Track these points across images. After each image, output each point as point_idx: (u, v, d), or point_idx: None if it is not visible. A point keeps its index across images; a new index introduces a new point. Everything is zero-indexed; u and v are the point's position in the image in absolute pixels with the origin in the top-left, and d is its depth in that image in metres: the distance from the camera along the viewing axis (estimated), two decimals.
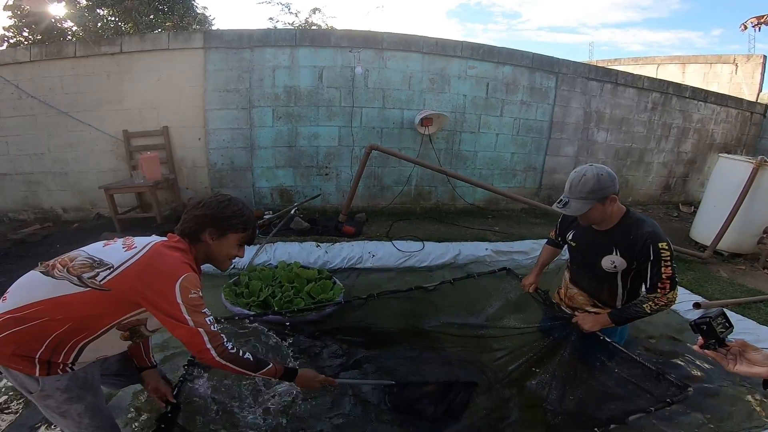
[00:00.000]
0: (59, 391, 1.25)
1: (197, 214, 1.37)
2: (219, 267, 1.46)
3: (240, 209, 1.41)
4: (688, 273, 3.89)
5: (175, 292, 1.20)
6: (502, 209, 5.43)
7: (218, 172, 4.72)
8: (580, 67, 5.55)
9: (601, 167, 1.73)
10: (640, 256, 1.71)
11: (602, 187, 1.67)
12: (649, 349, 2.90)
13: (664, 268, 1.67)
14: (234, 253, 1.43)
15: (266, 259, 3.65)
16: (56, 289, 1.20)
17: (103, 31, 7.81)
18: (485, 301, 2.84)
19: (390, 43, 4.75)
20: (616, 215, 1.79)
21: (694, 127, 6.51)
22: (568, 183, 1.74)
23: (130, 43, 4.44)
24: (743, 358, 1.01)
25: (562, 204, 1.74)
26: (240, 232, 1.41)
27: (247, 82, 4.57)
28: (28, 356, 1.19)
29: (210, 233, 1.36)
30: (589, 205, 1.68)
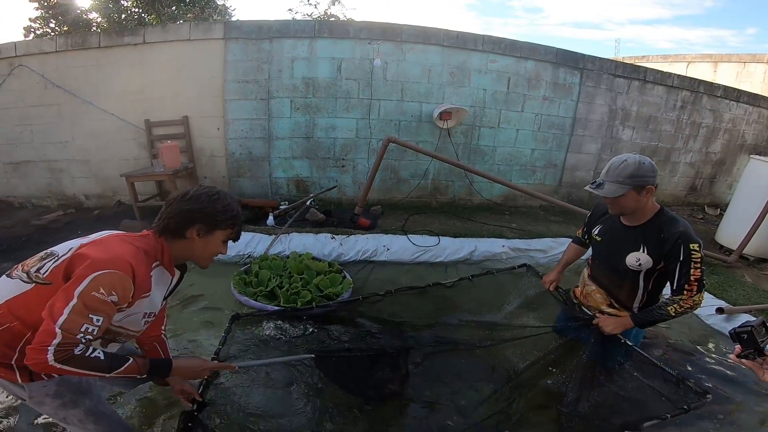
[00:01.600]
0: (49, 397, 1.21)
1: (185, 208, 1.23)
2: (199, 264, 1.36)
3: (230, 204, 1.30)
4: (712, 277, 3.78)
5: (84, 282, 1.05)
6: (520, 206, 5.33)
7: (236, 162, 4.75)
8: (606, 63, 5.37)
9: (644, 157, 1.67)
10: (669, 256, 1.65)
11: (642, 175, 1.62)
12: (666, 354, 2.82)
13: (694, 270, 1.61)
14: (218, 251, 1.33)
15: (281, 249, 3.67)
16: (11, 289, 1.14)
17: (126, 22, 7.95)
18: (504, 298, 2.79)
19: (410, 36, 4.68)
20: (650, 211, 1.73)
21: (724, 127, 6.26)
22: (607, 166, 1.70)
23: (152, 34, 4.49)
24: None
25: (595, 185, 1.69)
26: (228, 228, 1.30)
27: (266, 73, 4.58)
28: (4, 363, 1.14)
29: (198, 229, 1.25)
30: (624, 190, 1.62)
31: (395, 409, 2.04)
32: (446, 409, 2.08)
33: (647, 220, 1.73)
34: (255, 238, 3.74)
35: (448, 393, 2.18)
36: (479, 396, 2.14)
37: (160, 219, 1.26)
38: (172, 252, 1.26)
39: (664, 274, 1.73)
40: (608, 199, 1.71)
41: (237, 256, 3.62)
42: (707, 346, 2.98)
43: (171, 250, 1.26)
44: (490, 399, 2.09)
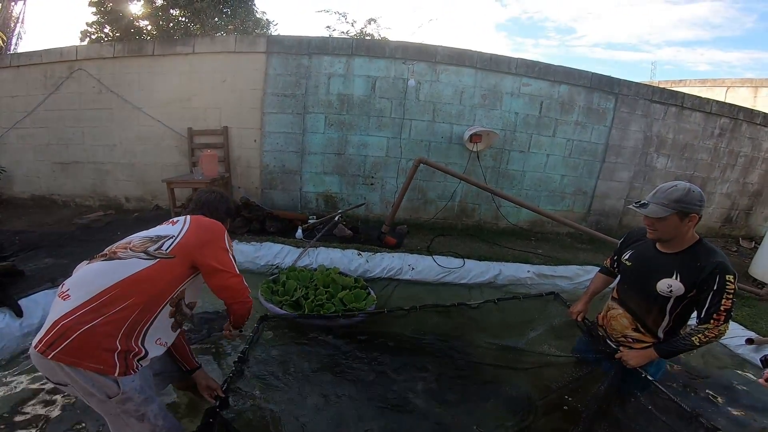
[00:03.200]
0: (136, 392, 1.27)
1: (215, 198, 1.74)
2: None
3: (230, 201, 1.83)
4: (744, 309, 3.71)
5: (225, 237, 1.52)
6: (547, 232, 5.29)
7: (270, 174, 4.92)
8: (642, 88, 5.29)
9: (695, 186, 1.68)
10: (703, 284, 1.65)
11: (688, 202, 1.62)
12: (690, 384, 2.77)
13: (725, 300, 1.61)
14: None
15: (308, 262, 3.78)
16: (128, 268, 1.28)
17: (174, 31, 8.35)
18: (528, 325, 2.81)
19: (443, 57, 4.76)
20: (689, 240, 1.73)
21: (763, 156, 6.03)
22: (655, 189, 1.72)
23: (201, 44, 4.74)
24: None
25: (639, 204, 1.71)
26: (230, 219, 1.79)
27: (303, 88, 4.75)
28: (109, 349, 1.20)
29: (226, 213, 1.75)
30: (667, 213, 1.63)
31: (412, 426, 2.09)
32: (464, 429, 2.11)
33: (685, 248, 1.73)
34: (284, 250, 3.87)
35: (465, 413, 2.20)
36: (496, 420, 2.15)
37: (194, 205, 1.73)
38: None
39: (692, 302, 1.73)
40: (648, 221, 1.71)
41: (265, 266, 3.76)
42: (736, 375, 2.94)
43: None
44: (506, 424, 2.12)
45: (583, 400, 2.05)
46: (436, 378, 2.42)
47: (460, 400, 2.28)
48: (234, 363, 1.98)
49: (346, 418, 2.06)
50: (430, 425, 2.10)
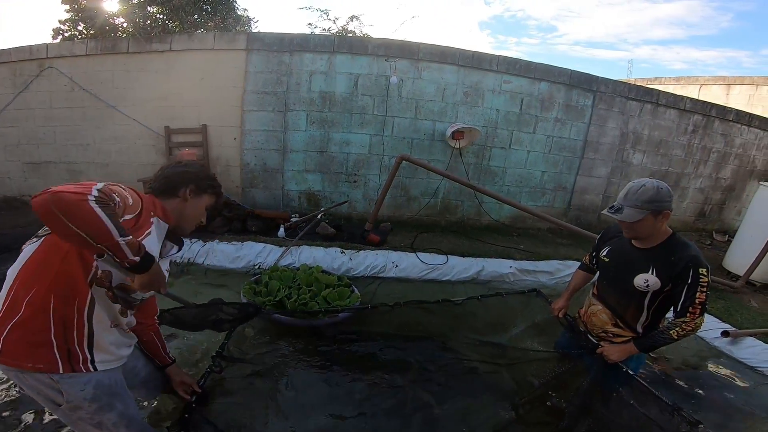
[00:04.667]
0: (87, 401, 1.21)
1: (180, 170, 1.42)
2: (185, 227, 1.46)
3: (215, 177, 1.52)
4: (719, 302, 3.83)
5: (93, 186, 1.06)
6: (528, 228, 5.36)
7: (250, 173, 4.85)
8: (619, 86, 5.41)
9: (661, 182, 1.73)
10: (677, 279, 1.70)
11: (660, 200, 1.67)
12: (669, 377, 2.85)
13: (699, 294, 1.66)
14: (202, 215, 1.48)
15: (291, 261, 3.75)
16: (23, 256, 1.18)
17: (151, 29, 8.14)
18: (511, 321, 2.85)
19: (426, 54, 4.77)
20: (662, 235, 1.78)
21: (735, 152, 6.25)
22: (625, 191, 1.75)
23: (179, 42, 4.62)
24: None
25: (614, 209, 1.74)
26: (214, 196, 1.48)
27: (284, 86, 4.69)
28: (44, 344, 1.13)
29: (190, 189, 1.40)
30: (642, 215, 1.67)
31: (398, 423, 2.09)
32: (449, 427, 2.11)
33: (659, 243, 1.77)
34: (266, 249, 3.82)
35: (451, 410, 2.21)
36: (481, 416, 2.17)
37: (153, 182, 1.41)
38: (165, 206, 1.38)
39: (669, 297, 1.78)
40: (625, 224, 1.75)
41: (247, 266, 3.70)
42: (712, 367, 3.06)
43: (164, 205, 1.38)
44: (491, 420, 2.13)
45: (567, 395, 2.10)
46: (423, 376, 2.44)
47: (446, 398, 2.29)
48: (212, 358, 1.95)
49: (329, 417, 2.05)
50: (418, 423, 2.10)
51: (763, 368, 2.93)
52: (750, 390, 2.78)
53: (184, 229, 1.46)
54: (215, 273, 3.71)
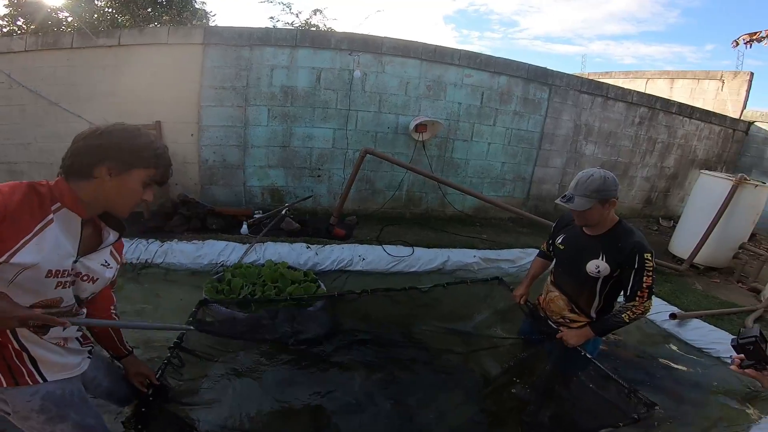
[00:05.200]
0: (35, 412, 1.16)
1: (93, 144, 1.06)
2: (117, 211, 1.17)
3: (152, 142, 1.15)
4: (666, 285, 4.03)
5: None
6: (490, 218, 5.53)
7: (209, 169, 4.70)
8: (573, 79, 5.66)
9: (607, 172, 1.82)
10: (625, 264, 1.79)
11: (606, 189, 1.76)
12: (625, 360, 3.02)
13: (646, 278, 1.76)
14: (140, 195, 1.15)
15: (256, 258, 3.68)
16: None
17: (99, 23, 7.70)
18: (475, 309, 2.92)
19: (389, 48, 4.79)
20: (609, 222, 1.87)
21: (678, 142, 6.71)
22: (575, 181, 1.82)
23: (128, 36, 4.39)
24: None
25: (566, 199, 1.82)
26: (151, 168, 1.12)
27: (244, 80, 4.56)
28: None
29: (109, 167, 1.07)
30: (591, 203, 1.76)
31: (366, 415, 2.11)
32: (416, 417, 2.14)
33: (607, 230, 1.87)
34: (228, 247, 3.72)
35: (417, 400, 2.24)
36: (447, 404, 2.21)
37: (63, 159, 1.09)
38: (80, 196, 1.09)
39: (618, 282, 1.87)
40: (576, 212, 1.83)
41: (209, 264, 3.60)
42: (664, 350, 3.23)
43: (78, 193, 1.08)
44: (458, 408, 2.18)
45: (531, 381, 2.16)
46: (390, 367, 2.45)
47: (414, 388, 2.31)
48: (169, 349, 1.88)
49: (294, 413, 2.03)
50: (386, 415, 2.11)
51: (710, 350, 3.08)
52: (699, 372, 2.93)
53: (118, 212, 1.18)
54: (176, 273, 3.58)
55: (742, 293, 4.27)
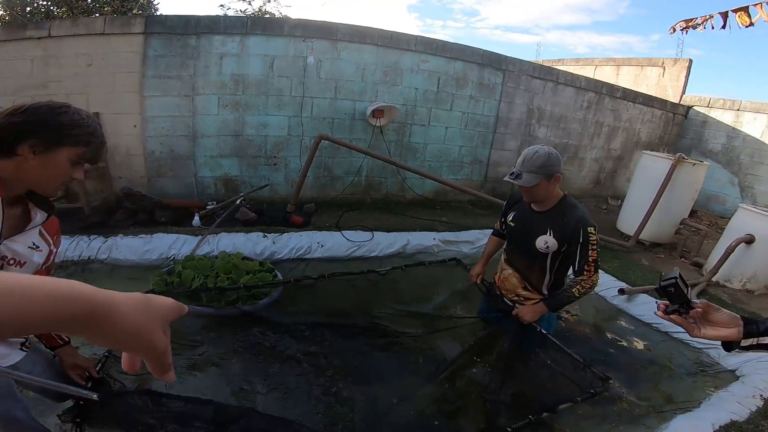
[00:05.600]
0: None
1: (15, 121, 1.01)
2: (44, 191, 1.12)
3: (82, 119, 1.09)
4: (614, 261, 4.18)
5: None
6: (450, 200, 5.61)
7: (156, 161, 4.46)
8: (525, 65, 5.82)
9: (551, 148, 1.87)
10: (571, 239, 1.85)
11: (550, 164, 1.81)
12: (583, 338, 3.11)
13: (591, 252, 1.82)
14: (65, 173, 1.09)
15: (209, 250, 3.54)
16: None
17: (32, 16, 7.15)
18: (434, 290, 2.96)
19: (345, 34, 4.72)
20: (555, 197, 1.93)
21: (623, 125, 7.07)
22: (522, 158, 1.86)
23: (60, 28, 4.08)
24: (706, 321, 0.95)
25: (514, 176, 1.85)
26: (80, 146, 1.07)
27: (191, 69, 4.35)
28: None
29: (32, 145, 1.01)
30: (537, 180, 1.80)
31: (329, 402, 2.08)
32: (378, 401, 2.14)
33: (553, 205, 1.92)
34: (179, 240, 3.56)
35: (378, 384, 2.24)
36: (409, 387, 2.22)
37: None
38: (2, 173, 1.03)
39: (566, 257, 1.93)
40: (524, 188, 1.88)
41: (159, 259, 3.43)
42: (614, 325, 3.34)
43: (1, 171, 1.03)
44: (420, 390, 2.20)
45: (490, 359, 2.21)
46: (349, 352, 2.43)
47: (375, 372, 2.30)
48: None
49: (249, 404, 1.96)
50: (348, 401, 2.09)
51: (658, 325, 3.14)
52: (650, 347, 3.05)
53: (43, 191, 1.13)
54: (122, 269, 3.38)
55: (686, 267, 4.47)
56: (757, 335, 0.91)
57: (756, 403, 2.17)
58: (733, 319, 0.94)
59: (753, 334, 0.91)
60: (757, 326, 0.92)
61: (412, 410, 2.09)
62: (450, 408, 2.14)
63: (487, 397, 2.03)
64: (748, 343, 0.92)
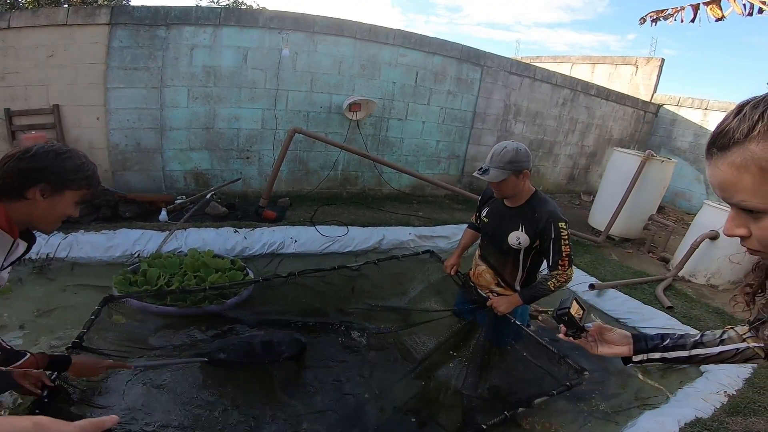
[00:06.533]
0: None
1: (25, 167, 1.10)
2: (43, 229, 1.23)
3: (84, 163, 1.20)
4: (585, 256, 4.24)
5: None
6: (426, 195, 5.62)
7: (121, 154, 4.28)
8: (503, 61, 5.84)
9: (520, 144, 1.87)
10: (543, 234, 1.86)
11: (519, 160, 1.80)
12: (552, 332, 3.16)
13: (564, 246, 1.83)
14: (68, 213, 1.21)
15: (177, 246, 3.42)
16: None
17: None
18: (408, 283, 2.93)
19: (322, 27, 4.62)
20: (526, 193, 1.93)
21: (596, 122, 7.21)
22: (490, 153, 1.86)
23: (19, 19, 3.86)
24: (602, 340, 1.03)
25: (482, 171, 1.85)
26: (83, 188, 1.20)
27: (159, 61, 4.18)
28: None
29: (42, 189, 1.12)
30: (505, 175, 1.80)
31: (305, 400, 2.05)
32: (354, 396, 2.12)
33: (524, 201, 1.93)
34: (145, 235, 3.42)
35: (358, 380, 2.23)
36: (386, 381, 2.21)
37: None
38: (9, 213, 1.12)
39: (539, 253, 1.94)
40: (493, 184, 1.87)
41: (123, 256, 3.29)
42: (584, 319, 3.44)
43: (8, 211, 1.12)
44: (397, 385, 2.18)
45: (467, 352, 2.19)
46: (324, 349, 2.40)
47: (350, 369, 2.28)
48: (66, 349, 1.70)
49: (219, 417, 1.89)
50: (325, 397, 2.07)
51: (626, 320, 3.16)
52: None
53: (43, 230, 1.22)
54: (84, 267, 3.23)
55: (653, 263, 4.57)
56: (647, 351, 0.98)
57: (720, 400, 2.20)
58: (623, 338, 1.01)
59: (642, 351, 0.98)
60: (646, 343, 0.98)
61: (387, 407, 2.07)
62: (426, 404, 2.14)
63: (464, 392, 2.04)
64: (639, 358, 0.98)
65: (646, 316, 3.20)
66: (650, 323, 3.09)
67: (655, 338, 0.99)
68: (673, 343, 0.97)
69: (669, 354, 0.96)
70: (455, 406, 2.06)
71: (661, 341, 0.97)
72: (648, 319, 3.16)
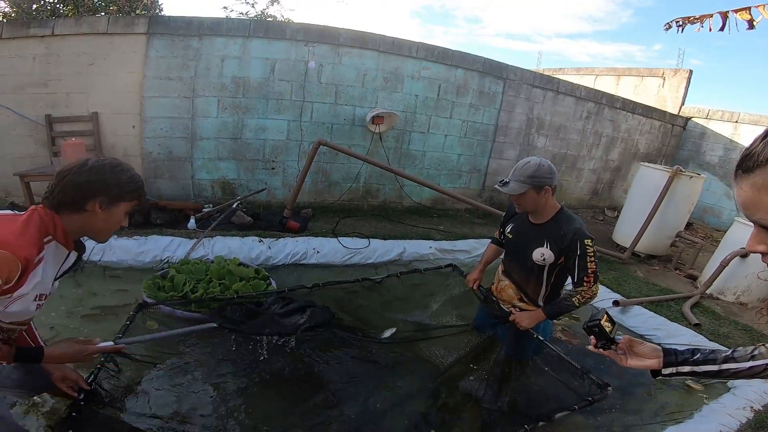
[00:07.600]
0: None
1: (84, 180, 1.16)
2: (99, 239, 1.30)
3: (134, 175, 1.27)
4: (610, 273, 4.17)
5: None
6: (447, 209, 5.60)
7: (153, 162, 4.45)
8: (526, 74, 5.83)
9: (545, 159, 1.86)
10: (568, 251, 1.84)
11: (540, 176, 1.79)
12: (577, 349, 3.10)
13: (590, 263, 1.81)
14: (118, 225, 1.28)
15: (204, 253, 3.52)
16: None
17: (38, 14, 7.15)
18: (431, 297, 2.92)
19: (346, 39, 4.72)
20: (551, 209, 1.91)
21: (621, 136, 7.08)
22: (515, 167, 1.86)
23: (63, 26, 4.06)
24: (632, 352, 1.06)
25: (502, 183, 1.85)
26: (134, 200, 1.27)
27: (192, 71, 4.35)
28: None
29: (100, 202, 1.17)
30: (524, 188, 1.79)
31: (322, 408, 2.07)
32: (373, 407, 2.11)
33: (550, 218, 1.91)
34: (174, 242, 3.53)
35: (376, 390, 2.21)
36: (406, 393, 2.19)
37: (52, 192, 1.16)
38: (68, 227, 1.18)
39: (564, 269, 1.92)
40: (513, 197, 1.87)
41: (153, 261, 3.41)
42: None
43: (67, 225, 1.17)
44: (417, 396, 2.17)
45: (487, 366, 2.17)
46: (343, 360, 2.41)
47: (369, 379, 2.28)
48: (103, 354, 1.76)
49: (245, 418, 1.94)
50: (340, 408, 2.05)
51: (651, 336, 3.09)
52: None
53: (99, 239, 1.30)
54: (116, 271, 3.36)
55: (680, 280, 4.47)
56: (676, 365, 0.99)
57: (746, 415, 2.16)
58: (654, 351, 1.03)
59: (672, 364, 0.99)
60: (676, 356, 1.00)
61: (406, 419, 2.07)
62: (446, 416, 2.12)
63: (484, 405, 2.01)
64: (669, 371, 1.00)
65: (671, 332, 3.14)
66: (676, 339, 3.03)
67: (685, 352, 1.00)
68: (703, 357, 0.98)
69: (699, 368, 0.98)
70: (475, 418, 2.04)
71: (692, 355, 0.99)
72: (673, 335, 3.11)
